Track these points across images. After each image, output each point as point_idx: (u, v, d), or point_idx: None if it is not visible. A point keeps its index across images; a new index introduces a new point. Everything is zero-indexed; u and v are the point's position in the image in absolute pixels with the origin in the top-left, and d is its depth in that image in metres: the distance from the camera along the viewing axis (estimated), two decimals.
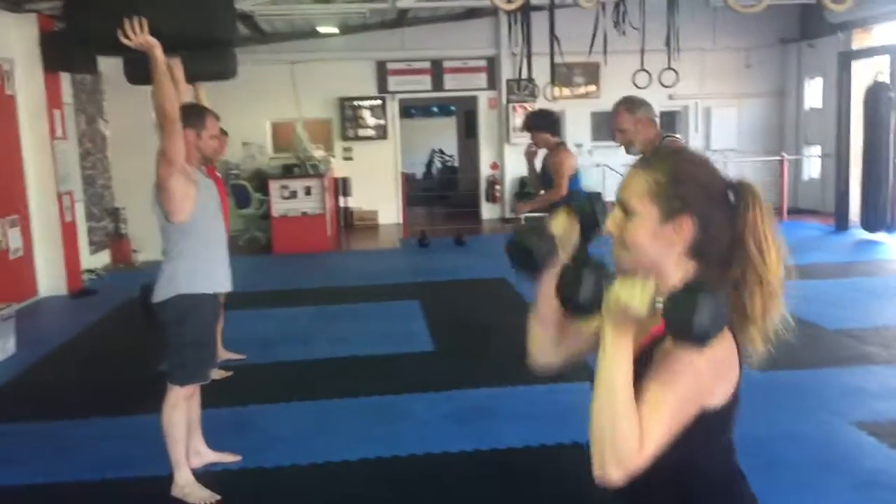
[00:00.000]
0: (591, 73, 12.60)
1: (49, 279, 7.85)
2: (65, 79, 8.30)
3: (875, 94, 9.57)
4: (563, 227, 1.55)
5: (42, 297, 7.77)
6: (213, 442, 3.70)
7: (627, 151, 3.87)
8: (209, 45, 3.31)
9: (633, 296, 1.24)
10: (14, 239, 7.40)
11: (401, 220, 12.62)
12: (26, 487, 3.53)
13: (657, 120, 3.89)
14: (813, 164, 12.87)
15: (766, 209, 1.38)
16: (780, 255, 1.37)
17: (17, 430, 4.25)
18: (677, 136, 4.17)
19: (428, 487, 3.45)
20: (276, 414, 4.32)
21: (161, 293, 3.28)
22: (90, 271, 8.70)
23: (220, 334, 4.71)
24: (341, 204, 12.75)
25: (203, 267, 3.31)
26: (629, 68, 8.77)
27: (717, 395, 1.33)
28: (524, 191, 12.96)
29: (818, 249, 9.10)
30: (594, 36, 7.75)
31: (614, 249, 1.43)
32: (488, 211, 13.43)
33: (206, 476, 3.43)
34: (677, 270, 1.38)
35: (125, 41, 2.91)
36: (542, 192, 5.30)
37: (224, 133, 4.58)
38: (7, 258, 7.25)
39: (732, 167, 12.37)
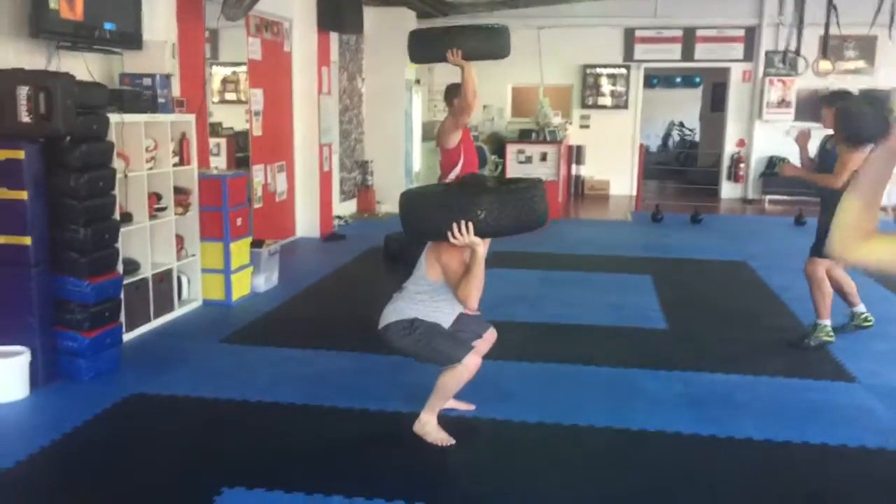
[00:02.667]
0: (867, 48, 11.36)
1: (305, 222, 8.62)
2: (333, 38, 8.96)
3: None
4: None
5: (298, 238, 8.56)
6: None
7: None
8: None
9: None
10: (280, 183, 8.20)
11: (633, 193, 12.30)
12: (293, 406, 3.94)
13: None
14: None
15: None
16: None
17: (281, 354, 4.75)
18: None
19: (657, 464, 3.39)
20: (508, 370, 4.44)
21: (385, 319, 3.48)
22: (339, 217, 9.43)
23: None
24: (573, 172, 12.69)
25: (429, 317, 3.46)
26: None
27: None
28: (772, 171, 12.11)
29: None
30: (880, 6, 6.98)
31: None
32: (729, 190, 12.72)
33: (442, 420, 3.61)
34: None
35: (453, 241, 3.21)
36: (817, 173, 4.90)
37: None
38: (273, 200, 8.05)
39: None
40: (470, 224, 3.16)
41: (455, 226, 3.16)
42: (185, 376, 4.32)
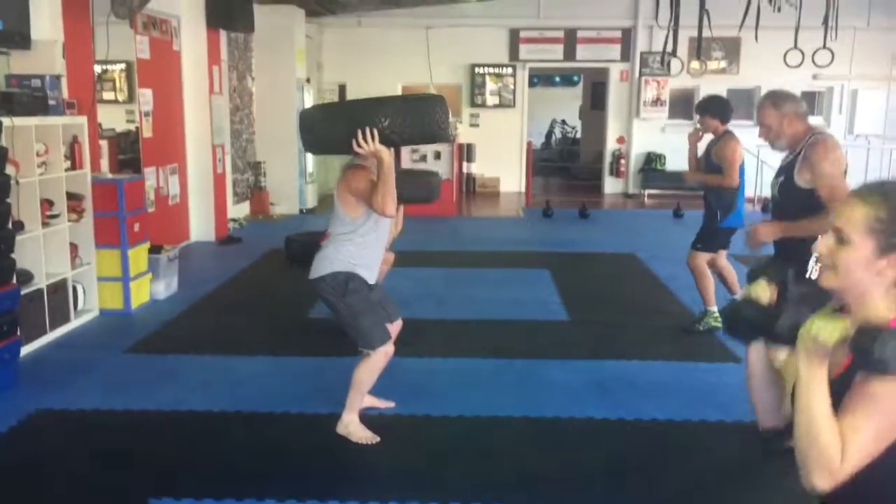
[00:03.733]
0: (732, 49, 12.19)
1: (200, 225, 8.41)
2: (222, 36, 8.76)
3: None
4: (766, 293, 1.66)
5: (193, 242, 8.33)
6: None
7: (773, 147, 3.75)
8: (429, 142, 3.65)
9: (823, 328, 1.37)
10: (173, 186, 7.96)
11: (522, 189, 12.68)
12: (204, 414, 3.88)
13: (805, 114, 3.70)
14: None
15: None
16: None
17: (191, 361, 4.65)
18: (827, 131, 3.98)
19: (574, 449, 3.58)
20: (424, 367, 4.54)
21: (317, 270, 3.50)
22: (234, 220, 9.24)
23: None
24: (464, 170, 12.93)
25: (361, 260, 3.50)
26: (776, 46, 8.47)
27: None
28: (651, 167, 12.78)
29: None
30: (747, 10, 7.53)
31: (823, 270, 1.53)
32: (611, 185, 13.32)
33: (364, 418, 3.67)
34: (885, 300, 1.45)
35: (357, 149, 3.21)
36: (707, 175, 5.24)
37: None
38: (167, 203, 7.81)
39: (875, 153, 11.77)
40: (375, 131, 3.20)
41: (360, 133, 3.19)
42: (91, 389, 4.17)
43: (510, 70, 12.90)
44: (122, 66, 9.47)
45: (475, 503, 3.08)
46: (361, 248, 3.50)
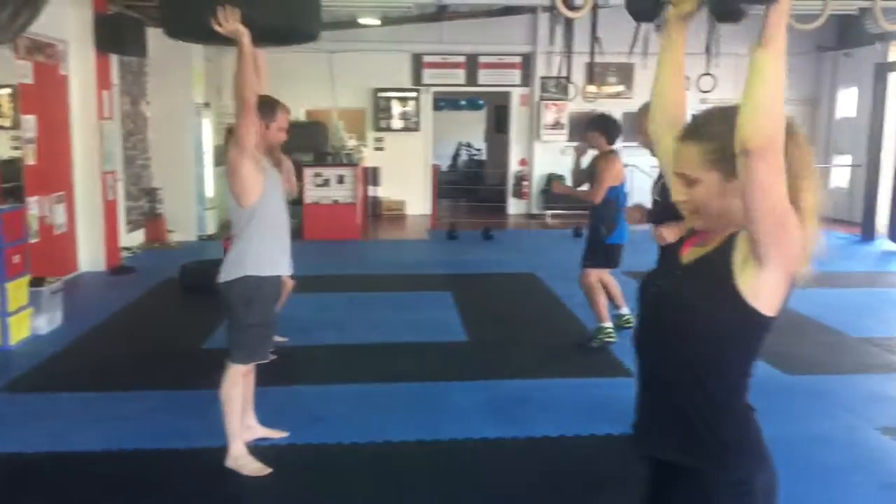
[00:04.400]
0: (625, 74, 12.67)
1: (89, 255, 8.07)
2: (113, 60, 8.50)
3: None
4: None
5: (82, 273, 7.99)
6: (261, 418, 3.87)
7: (653, 154, 3.95)
8: (295, 39, 3.63)
9: None
10: (59, 215, 7.63)
11: (428, 212, 12.76)
12: (88, 454, 3.71)
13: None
14: (841, 174, 12.88)
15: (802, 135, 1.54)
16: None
17: (74, 398, 4.45)
18: None
19: (468, 471, 3.60)
20: (318, 394, 4.49)
21: (228, 273, 3.44)
22: (127, 249, 8.92)
23: None
24: (370, 193, 12.92)
25: (268, 250, 3.46)
26: None
27: (776, 301, 1.51)
28: (549, 188, 13.08)
29: (844, 258, 9.16)
30: (635, 38, 7.84)
31: (687, 216, 1.62)
32: (515, 206, 13.55)
33: (256, 450, 3.60)
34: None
35: (217, 28, 3.14)
36: (587, 186, 5.43)
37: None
38: (51, 233, 7.47)
39: None
40: (235, 10, 3.13)
41: (219, 12, 3.12)
42: None
43: (414, 94, 13.01)
44: (9, 90, 9.06)
45: None
46: (268, 236, 3.45)
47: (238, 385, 3.49)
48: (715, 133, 1.54)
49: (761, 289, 1.48)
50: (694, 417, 1.57)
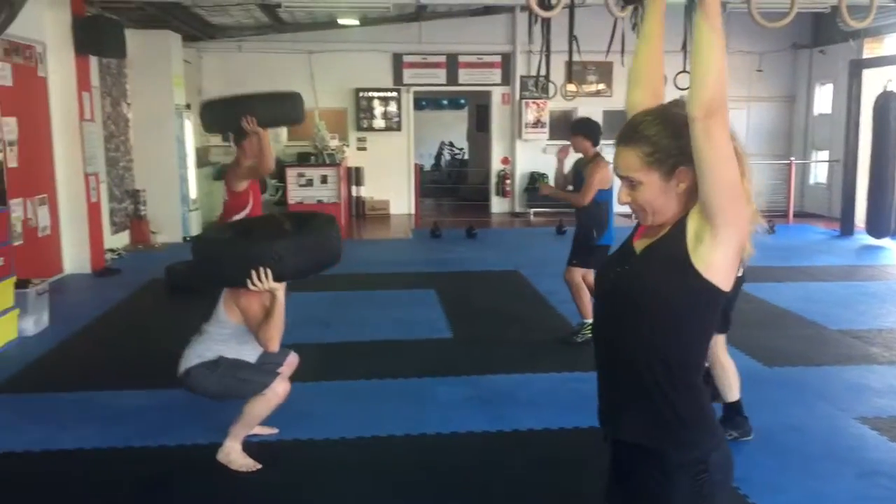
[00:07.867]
0: (605, 73, 12.78)
1: (74, 257, 8.06)
2: (92, 62, 8.48)
3: (884, 102, 9.76)
4: None
5: (67, 275, 7.98)
6: None
7: None
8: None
9: None
10: (42, 217, 7.61)
11: (412, 211, 12.80)
12: (82, 451, 3.74)
13: None
14: (820, 169, 13.07)
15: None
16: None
17: (65, 398, 4.46)
18: None
19: (454, 464, 3.66)
20: (305, 392, 4.49)
21: (188, 361, 3.50)
22: (112, 251, 8.90)
23: None
24: (353, 193, 12.95)
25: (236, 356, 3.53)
26: None
27: (730, 275, 1.59)
28: (534, 186, 13.16)
29: (823, 253, 9.32)
30: (612, 37, 7.93)
31: (637, 214, 1.70)
32: (498, 205, 13.62)
33: (246, 446, 3.63)
34: (684, 197, 1.64)
35: (252, 288, 3.25)
36: (571, 188, 5.51)
37: None
38: (35, 236, 7.45)
39: None
40: (268, 270, 3.20)
41: (254, 273, 3.19)
42: None
43: (395, 94, 13.04)
44: None
45: None
46: (237, 352, 3.48)
47: (272, 408, 3.53)
48: (650, 135, 1.62)
49: (715, 263, 1.57)
50: (654, 394, 1.64)
